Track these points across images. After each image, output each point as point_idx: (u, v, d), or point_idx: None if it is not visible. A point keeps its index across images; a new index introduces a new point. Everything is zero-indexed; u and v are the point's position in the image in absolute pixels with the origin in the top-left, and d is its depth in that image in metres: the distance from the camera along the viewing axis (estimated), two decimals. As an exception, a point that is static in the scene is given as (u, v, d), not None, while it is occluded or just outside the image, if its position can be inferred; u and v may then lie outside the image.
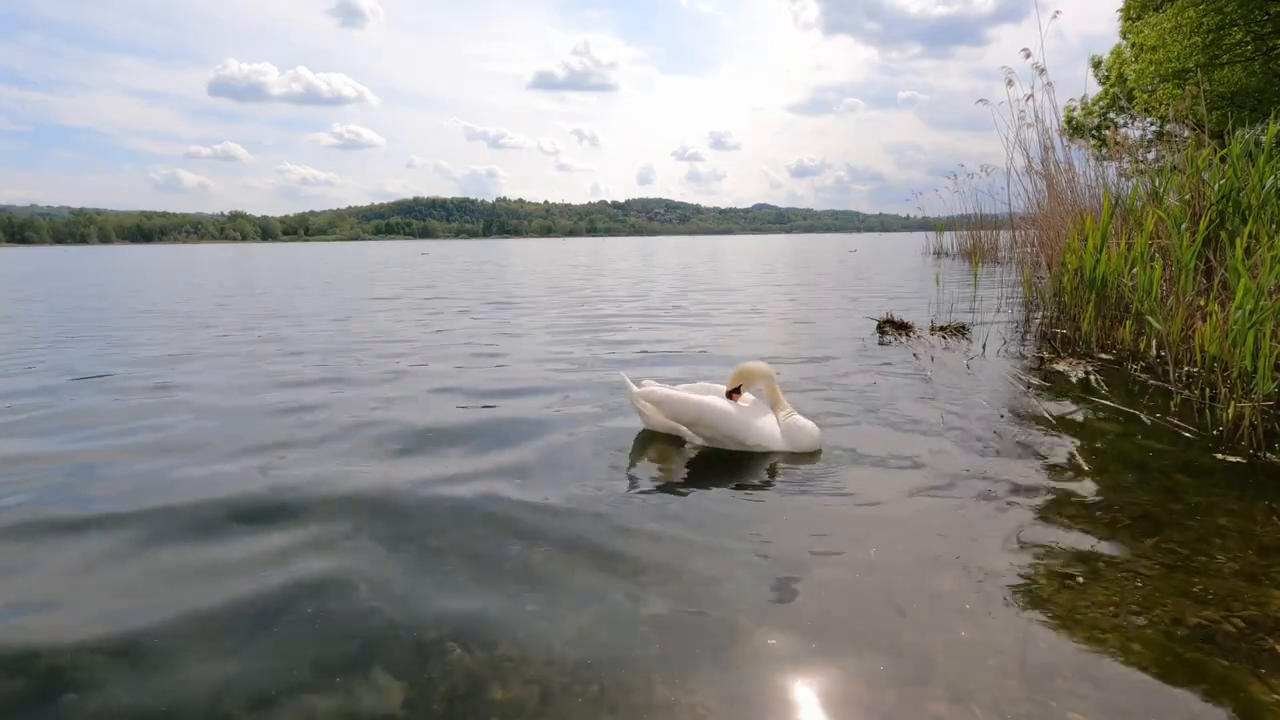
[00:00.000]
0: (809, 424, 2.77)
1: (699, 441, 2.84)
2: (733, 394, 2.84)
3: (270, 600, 1.72)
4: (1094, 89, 17.30)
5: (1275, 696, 1.30)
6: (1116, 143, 6.27)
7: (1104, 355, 4.41)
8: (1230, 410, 2.84)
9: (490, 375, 4.38)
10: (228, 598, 1.73)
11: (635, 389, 3.00)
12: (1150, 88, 12.28)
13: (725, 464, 2.64)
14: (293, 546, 2.01)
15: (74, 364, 4.96)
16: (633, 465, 2.65)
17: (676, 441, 2.88)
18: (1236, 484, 2.32)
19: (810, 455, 2.71)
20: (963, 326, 5.66)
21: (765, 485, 2.44)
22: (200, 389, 4.08)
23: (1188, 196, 4.31)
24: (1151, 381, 3.71)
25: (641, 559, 1.89)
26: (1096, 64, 17.55)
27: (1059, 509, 2.15)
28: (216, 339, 6.18)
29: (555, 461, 2.68)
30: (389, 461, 2.73)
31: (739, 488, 2.42)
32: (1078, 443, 2.77)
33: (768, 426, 2.77)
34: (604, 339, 5.78)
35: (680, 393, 2.91)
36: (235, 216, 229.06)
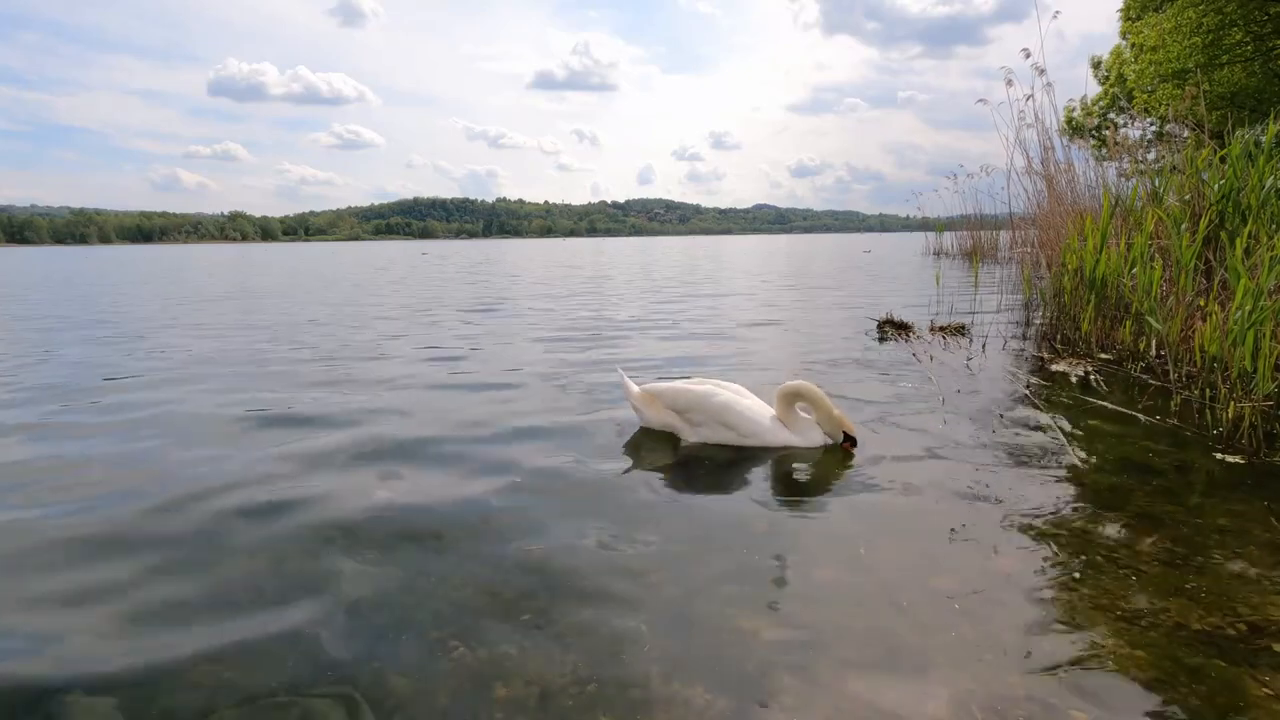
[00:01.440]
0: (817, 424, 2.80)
1: (695, 438, 2.83)
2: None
3: (271, 602, 1.72)
4: (1094, 89, 17.34)
5: (1274, 697, 1.30)
6: (1116, 143, 6.27)
7: (1104, 355, 4.41)
8: (1230, 410, 2.84)
9: (490, 378, 4.38)
10: (229, 598, 1.73)
11: (633, 386, 3.00)
12: (1150, 88, 12.29)
13: (723, 463, 2.64)
14: (291, 547, 2.01)
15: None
16: (629, 464, 2.65)
17: (674, 440, 2.88)
18: (1236, 484, 2.32)
19: (813, 452, 2.72)
20: (962, 326, 5.66)
21: (763, 484, 2.44)
22: (188, 401, 4.08)
23: (1187, 196, 4.31)
24: (1151, 382, 3.71)
25: (639, 558, 1.89)
26: (1096, 64, 17.58)
27: (1058, 509, 2.15)
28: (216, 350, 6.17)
29: (552, 463, 2.68)
30: (388, 464, 2.73)
31: (736, 486, 2.42)
32: (1077, 443, 2.77)
33: (766, 420, 2.77)
34: (608, 345, 5.79)
35: (677, 384, 2.91)
36: (235, 216, 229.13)
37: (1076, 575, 1.75)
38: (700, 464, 2.65)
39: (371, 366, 4.72)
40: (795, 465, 2.61)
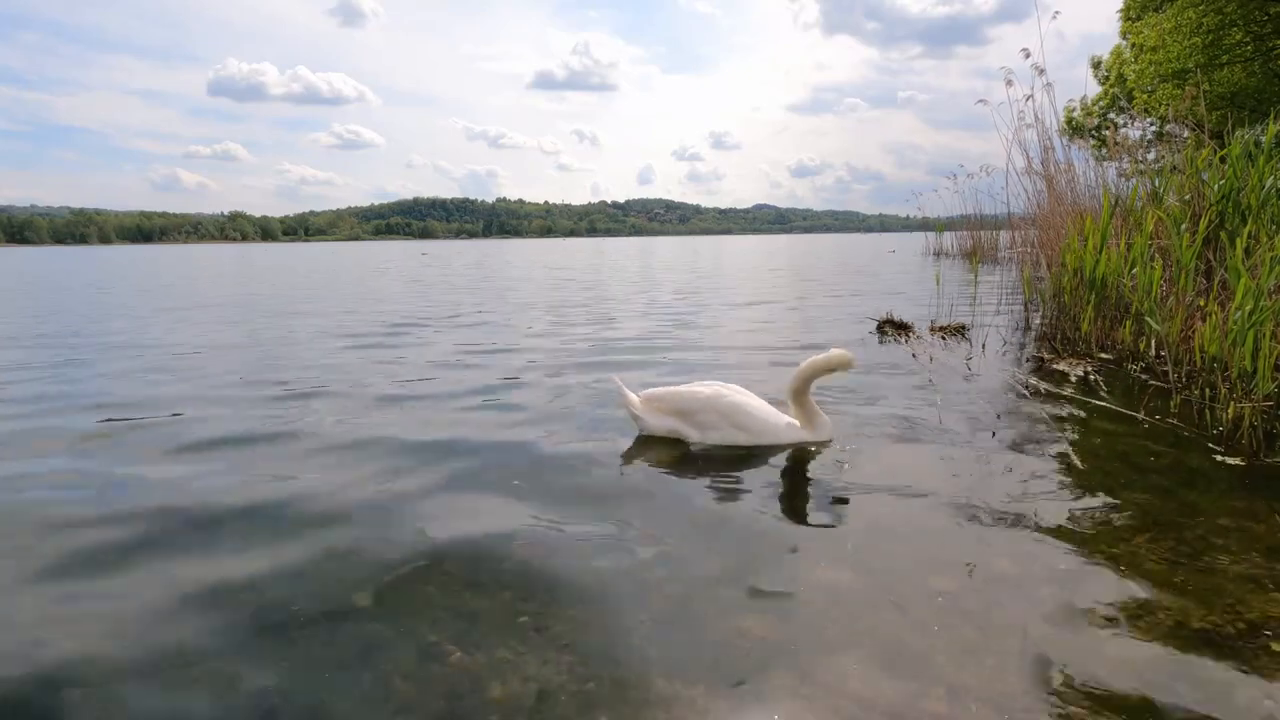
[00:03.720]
0: (825, 417, 2.83)
1: (704, 441, 2.80)
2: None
3: (270, 604, 1.72)
4: (1094, 89, 17.33)
5: (1274, 697, 1.30)
6: (1116, 143, 6.27)
7: (1104, 355, 4.41)
8: (1230, 410, 2.83)
9: (489, 385, 4.38)
10: (231, 606, 1.73)
11: (631, 394, 2.96)
12: (1150, 88, 12.29)
13: (722, 464, 2.63)
14: (292, 549, 2.01)
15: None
16: (625, 468, 2.65)
17: (669, 444, 2.86)
18: (1236, 484, 2.32)
19: (824, 445, 2.75)
20: (962, 326, 5.65)
21: (762, 485, 2.43)
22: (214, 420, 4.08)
23: (1188, 197, 4.31)
24: (1151, 382, 3.70)
25: (636, 558, 1.89)
26: (1096, 64, 17.58)
27: (1058, 509, 2.15)
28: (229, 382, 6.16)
29: (551, 468, 2.67)
30: (386, 466, 2.73)
31: (735, 487, 2.41)
32: (1077, 443, 2.77)
33: (776, 419, 2.77)
34: (612, 348, 5.79)
35: (679, 388, 2.88)
36: (235, 216, 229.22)
37: (1075, 575, 1.75)
38: (700, 465, 2.64)
39: (381, 369, 4.72)
40: (793, 465, 2.61)
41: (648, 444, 2.87)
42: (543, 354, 5.10)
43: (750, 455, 2.70)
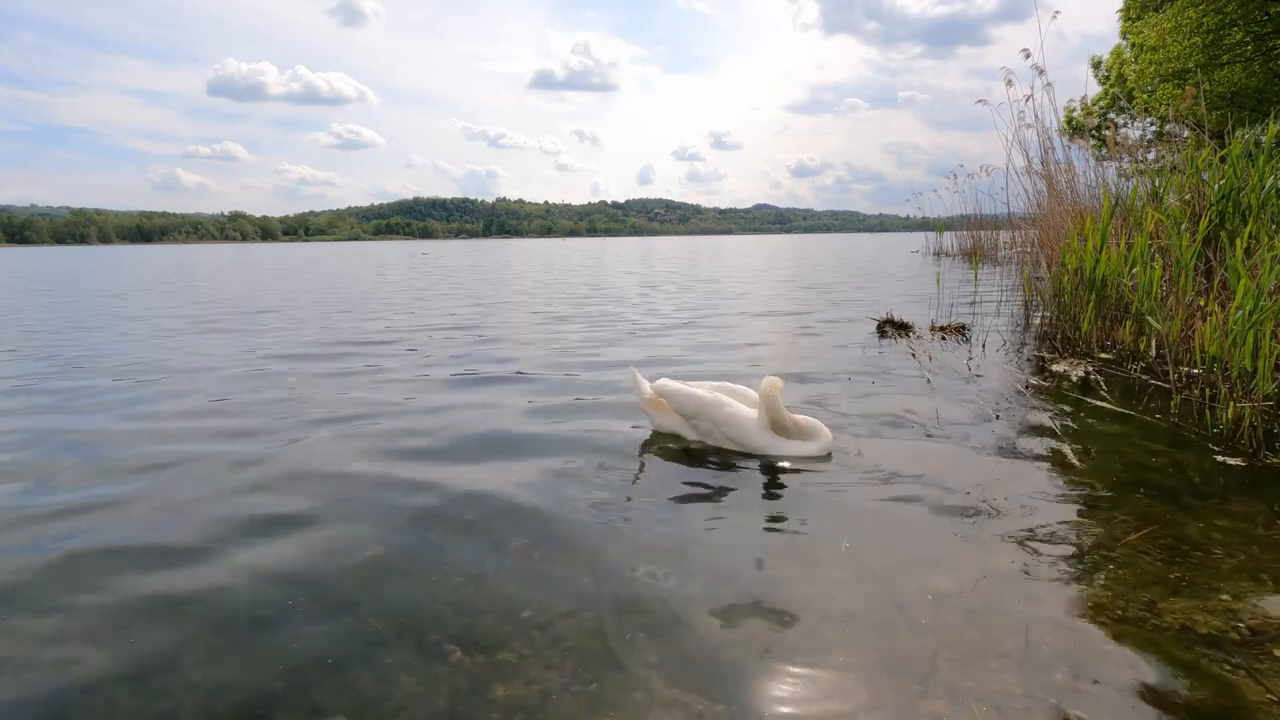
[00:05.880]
0: (822, 426, 2.72)
1: (703, 442, 2.80)
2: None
3: (274, 601, 1.72)
4: (1094, 89, 17.34)
5: (1272, 697, 1.30)
6: (1116, 143, 6.26)
7: (1104, 355, 4.41)
8: (1230, 410, 2.83)
9: (488, 380, 4.38)
10: (233, 601, 1.73)
11: (646, 386, 2.94)
12: (1150, 88, 12.29)
13: (723, 464, 2.64)
14: (296, 548, 2.01)
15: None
16: (630, 467, 2.65)
17: (674, 443, 2.87)
18: (1236, 484, 2.32)
19: (821, 457, 2.66)
20: (962, 326, 5.66)
21: (763, 485, 2.43)
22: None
23: (1187, 196, 4.31)
24: (1151, 382, 3.70)
25: (639, 560, 1.89)
26: (1096, 64, 17.58)
27: (1058, 509, 2.15)
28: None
29: (554, 465, 2.68)
30: (390, 466, 2.73)
31: (737, 489, 2.41)
32: (1077, 443, 2.77)
33: (772, 435, 2.73)
34: (615, 345, 5.78)
35: (689, 387, 2.85)
36: (235, 216, 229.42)
37: (1075, 575, 1.75)
38: (702, 466, 2.64)
39: (381, 362, 4.72)
40: (795, 468, 2.61)
41: (652, 442, 2.88)
42: (543, 355, 5.09)
43: (754, 457, 2.69)
